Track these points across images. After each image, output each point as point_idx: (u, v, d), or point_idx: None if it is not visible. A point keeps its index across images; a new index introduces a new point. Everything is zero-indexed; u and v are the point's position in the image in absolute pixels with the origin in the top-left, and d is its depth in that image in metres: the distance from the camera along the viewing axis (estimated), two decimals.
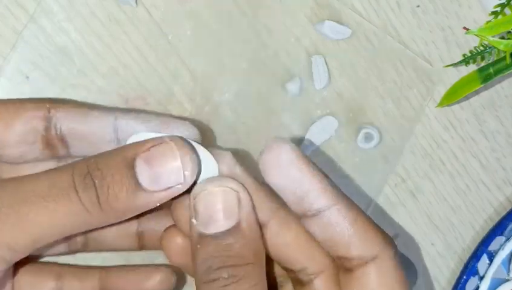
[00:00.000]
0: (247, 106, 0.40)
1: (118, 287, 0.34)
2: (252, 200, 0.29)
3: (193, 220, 0.28)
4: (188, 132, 0.30)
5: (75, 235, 0.33)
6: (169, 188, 0.28)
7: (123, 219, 0.29)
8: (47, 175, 0.28)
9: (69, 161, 0.31)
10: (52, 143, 0.31)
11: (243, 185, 0.29)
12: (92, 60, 0.38)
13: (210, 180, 0.29)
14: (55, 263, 0.35)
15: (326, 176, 0.29)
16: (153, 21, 0.39)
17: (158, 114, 0.33)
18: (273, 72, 0.41)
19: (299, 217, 0.29)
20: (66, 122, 0.31)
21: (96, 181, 0.27)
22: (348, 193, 0.29)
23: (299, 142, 0.41)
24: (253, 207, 0.29)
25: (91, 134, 0.31)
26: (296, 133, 0.41)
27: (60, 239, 0.29)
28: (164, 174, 0.28)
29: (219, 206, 0.28)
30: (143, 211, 0.28)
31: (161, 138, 0.28)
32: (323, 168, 0.29)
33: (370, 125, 0.42)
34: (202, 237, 0.28)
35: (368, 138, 0.42)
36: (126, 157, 0.28)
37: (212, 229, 0.28)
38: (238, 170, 0.30)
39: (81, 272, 0.35)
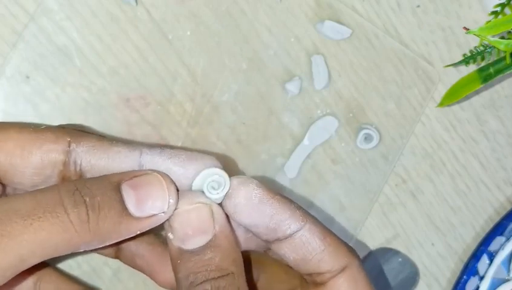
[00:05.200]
0: (247, 106, 0.40)
1: None
2: (223, 210, 0.29)
3: (170, 235, 0.28)
4: (213, 166, 0.30)
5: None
6: (152, 215, 0.28)
7: (104, 245, 0.28)
8: (32, 194, 0.27)
9: None
10: (70, 178, 0.30)
11: None
12: (92, 60, 0.38)
13: (182, 196, 0.29)
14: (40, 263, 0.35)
15: (290, 200, 0.30)
16: (153, 21, 0.39)
17: (183, 149, 0.32)
18: (273, 72, 0.41)
19: (269, 243, 0.30)
20: (87, 158, 0.29)
21: (87, 199, 0.27)
22: (348, 193, 0.30)
23: (299, 142, 0.41)
24: (226, 216, 0.29)
25: (114, 170, 0.29)
26: (296, 133, 0.41)
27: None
28: (150, 200, 0.28)
29: (195, 223, 0.28)
30: (124, 238, 0.28)
31: (144, 170, 0.29)
32: (323, 167, 0.29)
33: (370, 126, 0.42)
34: (181, 252, 0.28)
35: (367, 138, 0.42)
36: (112, 181, 0.28)
37: (190, 246, 0.28)
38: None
39: (62, 283, 0.34)
